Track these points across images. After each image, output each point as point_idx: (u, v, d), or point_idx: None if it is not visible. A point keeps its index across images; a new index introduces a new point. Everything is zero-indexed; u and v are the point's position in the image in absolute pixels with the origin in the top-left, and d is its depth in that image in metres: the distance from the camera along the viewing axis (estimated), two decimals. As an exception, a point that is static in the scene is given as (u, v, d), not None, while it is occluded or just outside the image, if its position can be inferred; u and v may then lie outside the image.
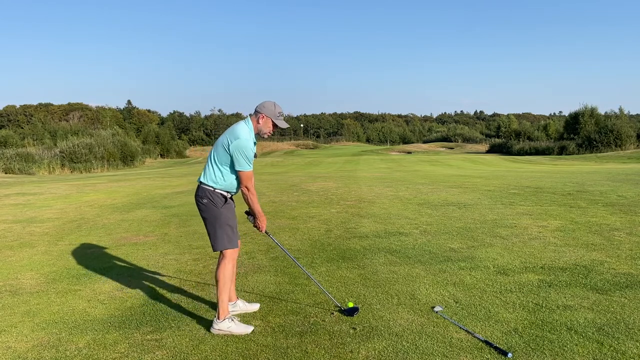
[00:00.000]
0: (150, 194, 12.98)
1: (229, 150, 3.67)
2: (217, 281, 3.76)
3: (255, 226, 4.01)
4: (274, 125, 3.82)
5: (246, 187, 3.75)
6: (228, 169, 3.73)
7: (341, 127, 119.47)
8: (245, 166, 3.68)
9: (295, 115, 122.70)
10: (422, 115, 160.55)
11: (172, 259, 5.90)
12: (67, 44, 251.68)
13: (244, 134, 3.70)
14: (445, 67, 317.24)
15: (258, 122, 3.79)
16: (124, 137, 46.76)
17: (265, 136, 3.87)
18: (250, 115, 3.88)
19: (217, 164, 3.74)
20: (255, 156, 3.90)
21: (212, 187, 3.75)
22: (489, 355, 3.17)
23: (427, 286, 4.56)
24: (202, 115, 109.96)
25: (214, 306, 4.10)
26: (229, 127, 3.88)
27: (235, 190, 3.84)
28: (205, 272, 5.28)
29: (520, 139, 60.41)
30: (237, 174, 3.73)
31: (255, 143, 3.85)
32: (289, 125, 3.98)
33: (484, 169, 23.76)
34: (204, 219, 3.83)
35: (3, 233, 7.81)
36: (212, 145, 4.04)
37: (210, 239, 3.83)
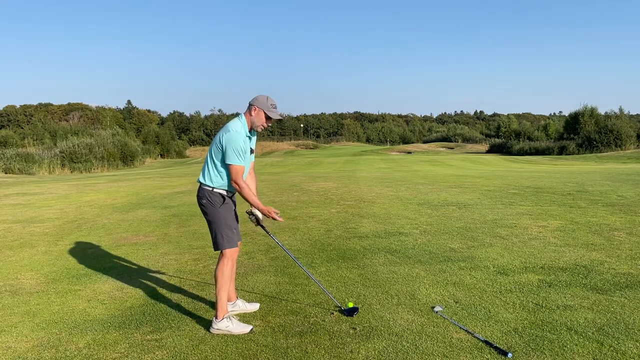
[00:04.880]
0: (150, 194, 12.98)
1: (221, 145, 3.66)
2: (216, 280, 3.77)
3: (260, 225, 3.98)
4: (267, 117, 3.77)
5: (236, 183, 3.68)
6: (224, 166, 3.71)
7: (341, 127, 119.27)
8: (234, 160, 3.63)
9: (295, 115, 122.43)
10: (422, 115, 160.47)
11: (172, 259, 5.91)
12: (67, 44, 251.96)
13: (234, 127, 3.69)
14: (445, 67, 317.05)
15: (251, 115, 3.76)
16: (124, 137, 46.64)
17: (260, 129, 3.81)
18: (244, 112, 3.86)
19: (213, 162, 3.74)
20: (252, 151, 3.89)
21: (210, 186, 3.76)
22: (489, 355, 3.17)
23: (427, 286, 4.57)
24: (202, 115, 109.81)
25: (214, 306, 4.10)
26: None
27: (233, 189, 3.84)
28: (205, 272, 5.28)
29: (520, 139, 60.45)
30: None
31: (250, 138, 3.83)
32: (282, 117, 3.93)
33: (484, 169, 23.75)
34: (205, 218, 3.85)
35: (3, 233, 7.81)
36: (211, 145, 4.05)
37: (211, 238, 3.85)
